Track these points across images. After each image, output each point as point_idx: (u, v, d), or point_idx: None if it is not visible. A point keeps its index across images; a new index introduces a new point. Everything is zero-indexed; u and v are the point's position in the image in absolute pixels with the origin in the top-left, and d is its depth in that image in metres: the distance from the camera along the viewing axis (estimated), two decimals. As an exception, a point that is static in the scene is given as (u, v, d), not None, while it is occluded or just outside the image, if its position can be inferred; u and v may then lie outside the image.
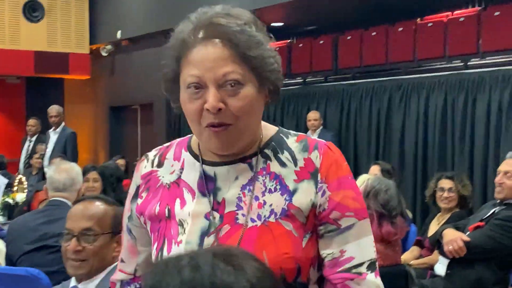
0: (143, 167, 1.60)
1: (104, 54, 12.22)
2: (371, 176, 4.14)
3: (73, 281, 2.44)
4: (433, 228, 4.96)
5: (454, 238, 3.95)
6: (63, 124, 9.18)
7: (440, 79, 7.68)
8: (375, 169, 5.83)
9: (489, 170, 6.91)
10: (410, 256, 4.85)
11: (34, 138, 10.03)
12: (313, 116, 8.23)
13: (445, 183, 5.07)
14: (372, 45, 8.60)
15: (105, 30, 12.32)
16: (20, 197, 6.73)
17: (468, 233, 4.03)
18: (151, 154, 1.62)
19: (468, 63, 7.99)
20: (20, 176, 7.60)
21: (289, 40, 10.25)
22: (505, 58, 7.66)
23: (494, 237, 3.94)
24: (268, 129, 1.55)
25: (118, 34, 11.83)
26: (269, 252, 1.42)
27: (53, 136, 9.09)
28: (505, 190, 4.16)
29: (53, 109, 9.13)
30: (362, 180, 3.86)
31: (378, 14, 8.79)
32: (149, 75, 11.47)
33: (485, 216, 4.14)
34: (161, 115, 11.41)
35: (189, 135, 1.60)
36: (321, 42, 9.28)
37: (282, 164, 1.49)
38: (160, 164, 1.58)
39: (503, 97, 7.07)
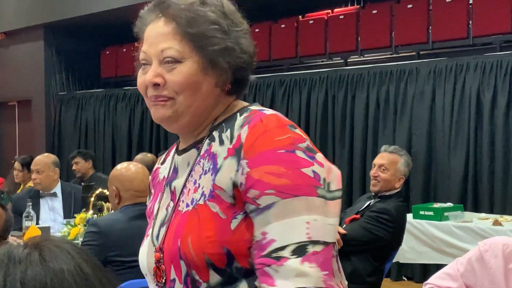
0: (156, 164, 1.68)
1: (-22, 48, 11.66)
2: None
3: None
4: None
5: (331, 231, 4.00)
6: None
7: (321, 76, 7.83)
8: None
9: (368, 163, 7.11)
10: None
11: None
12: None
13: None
14: (256, 42, 8.64)
15: (-21, 23, 11.76)
16: None
17: (344, 225, 4.11)
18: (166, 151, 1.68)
19: (348, 60, 8.19)
20: None
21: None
22: (382, 56, 7.91)
23: (369, 229, 4.03)
24: (233, 109, 1.48)
25: (-7, 27, 11.33)
26: (192, 237, 1.37)
27: None
28: (380, 183, 4.27)
29: None
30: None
31: (261, 11, 8.85)
32: (27, 70, 11.05)
33: (361, 209, 4.23)
34: (40, 111, 11.03)
35: None
36: (205, 37, 9.23)
37: (221, 143, 1.42)
38: (164, 161, 1.64)
39: (380, 93, 7.28)
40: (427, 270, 6.41)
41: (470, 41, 7.09)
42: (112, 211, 4.17)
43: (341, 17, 8.09)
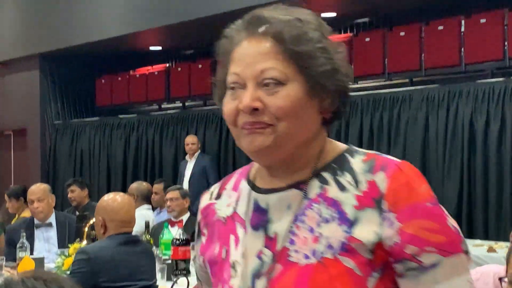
0: (204, 200, 1.46)
1: (-26, 77, 11.71)
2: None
3: None
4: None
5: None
6: None
7: (315, 103, 7.85)
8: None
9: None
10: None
11: None
12: (190, 140, 8.21)
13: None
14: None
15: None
16: None
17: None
18: (215, 185, 1.48)
19: (341, 87, 8.23)
20: None
21: (167, 64, 10.20)
22: (375, 83, 7.96)
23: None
24: (333, 149, 1.34)
25: (-12, 57, 11.38)
26: None
27: None
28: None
29: None
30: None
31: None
32: (22, 99, 11.09)
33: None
34: (35, 140, 11.05)
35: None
36: (200, 66, 9.29)
37: (342, 188, 1.28)
38: (218, 196, 1.43)
39: (374, 120, 7.32)
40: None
41: (462, 68, 7.14)
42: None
43: (334, 45, 8.15)
